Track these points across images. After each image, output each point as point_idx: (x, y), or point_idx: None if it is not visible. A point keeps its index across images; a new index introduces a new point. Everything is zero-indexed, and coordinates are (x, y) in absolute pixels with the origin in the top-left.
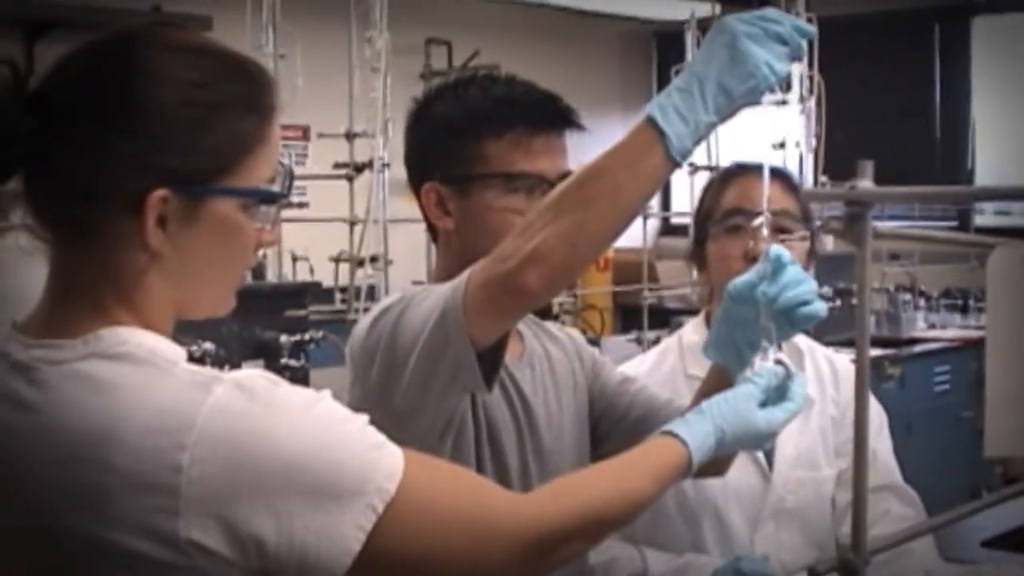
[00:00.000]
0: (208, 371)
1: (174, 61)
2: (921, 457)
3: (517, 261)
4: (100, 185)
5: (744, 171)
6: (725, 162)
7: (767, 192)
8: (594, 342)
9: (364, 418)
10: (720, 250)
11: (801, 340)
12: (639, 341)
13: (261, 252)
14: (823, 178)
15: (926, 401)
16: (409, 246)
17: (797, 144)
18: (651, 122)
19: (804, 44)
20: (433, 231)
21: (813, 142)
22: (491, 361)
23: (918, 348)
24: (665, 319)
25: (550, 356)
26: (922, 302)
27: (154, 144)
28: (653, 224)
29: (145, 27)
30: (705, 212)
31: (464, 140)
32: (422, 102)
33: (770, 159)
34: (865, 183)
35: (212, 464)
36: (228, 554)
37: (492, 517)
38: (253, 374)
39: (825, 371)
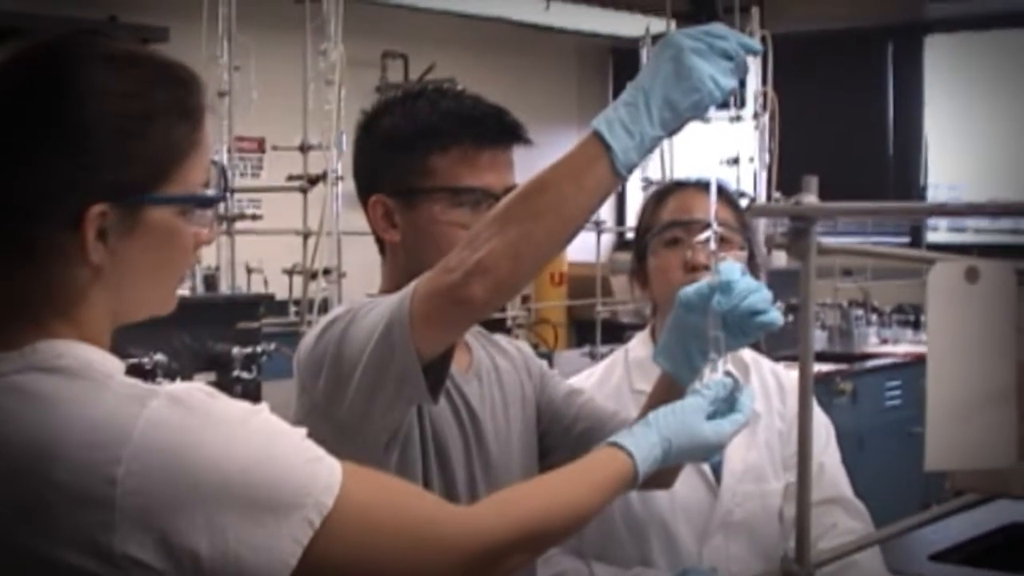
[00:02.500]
0: (144, 385)
1: (102, 72)
2: (873, 472)
3: (462, 273)
4: (37, 202)
5: (681, 186)
6: (680, 177)
7: (714, 204)
8: (547, 356)
9: (302, 431)
10: (660, 263)
11: (747, 354)
12: (592, 355)
13: (215, 265)
14: (776, 194)
15: (878, 416)
16: (363, 259)
17: (751, 160)
18: (597, 136)
19: (749, 60)
20: (380, 244)
21: (766, 158)
22: (437, 373)
23: (870, 363)
24: (619, 333)
25: (498, 368)
26: (874, 317)
27: (89, 159)
28: (608, 239)
29: (70, 38)
30: (644, 227)
31: (411, 154)
32: (370, 115)
33: (711, 173)
34: (810, 198)
35: (147, 478)
36: (164, 568)
37: (433, 530)
38: (190, 387)
39: (771, 385)
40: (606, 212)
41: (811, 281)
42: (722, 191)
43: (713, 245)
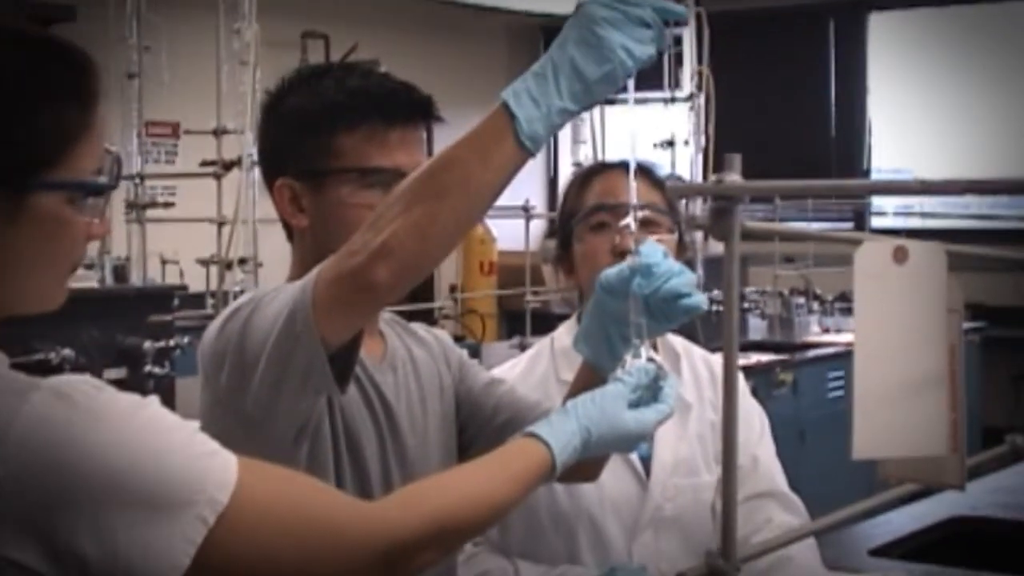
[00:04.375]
0: (25, 378)
1: None
2: (815, 466)
3: (366, 256)
4: None
5: (605, 168)
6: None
7: (633, 183)
8: (474, 348)
9: (194, 425)
10: (586, 249)
11: (677, 342)
12: (522, 347)
13: (126, 256)
14: (713, 177)
15: (820, 408)
16: (281, 247)
17: (686, 142)
18: (504, 107)
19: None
20: (288, 229)
21: (702, 140)
22: (344, 362)
23: (812, 353)
24: (551, 324)
25: (414, 358)
26: (816, 306)
27: None
28: (538, 225)
29: None
30: (568, 212)
31: (317, 134)
32: (274, 95)
33: (632, 153)
34: (733, 177)
35: (27, 477)
36: (47, 572)
37: (335, 527)
38: (74, 379)
39: (703, 374)
40: (536, 197)
41: (735, 264)
42: (648, 172)
43: (633, 226)
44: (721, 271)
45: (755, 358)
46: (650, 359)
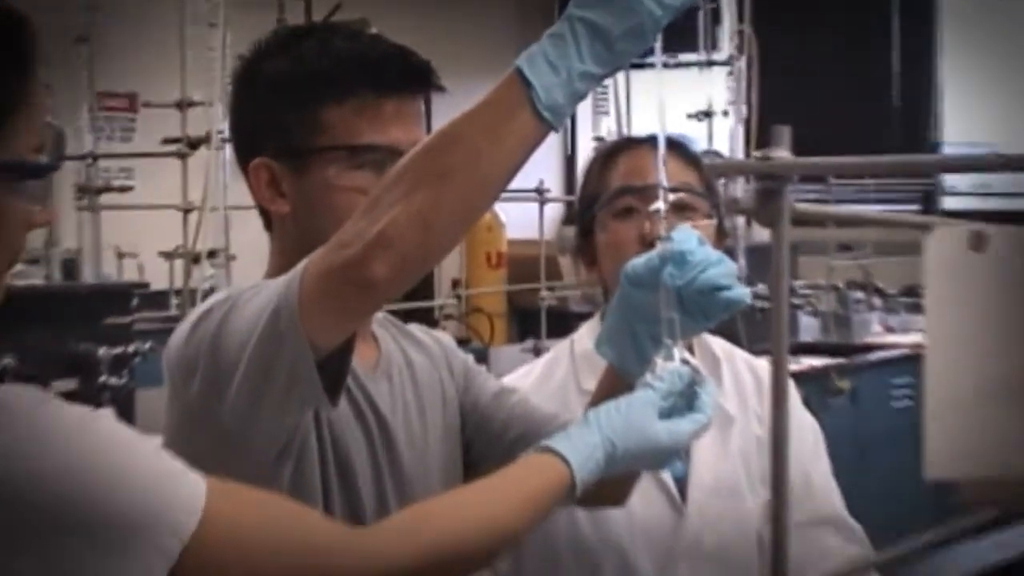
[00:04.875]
0: None
1: None
2: (878, 487)
3: (361, 247)
4: None
5: (632, 144)
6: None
7: (662, 159)
8: (481, 353)
9: (156, 441)
10: (610, 237)
11: (716, 344)
12: (537, 351)
13: (77, 248)
14: (757, 154)
15: (883, 419)
16: (258, 239)
17: (725, 113)
18: (518, 73)
19: None
20: (266, 217)
21: (744, 111)
22: (335, 369)
23: (872, 356)
24: (569, 324)
25: (412, 364)
26: (878, 301)
27: None
28: (554, 210)
29: None
30: (589, 196)
31: (298, 106)
32: (248, 60)
33: (663, 126)
34: (780, 152)
35: None
36: None
37: (321, 559)
38: (16, 389)
39: (748, 382)
40: (552, 178)
41: (783, 253)
42: (681, 148)
43: (662, 207)
44: (767, 261)
45: (807, 362)
46: (684, 362)
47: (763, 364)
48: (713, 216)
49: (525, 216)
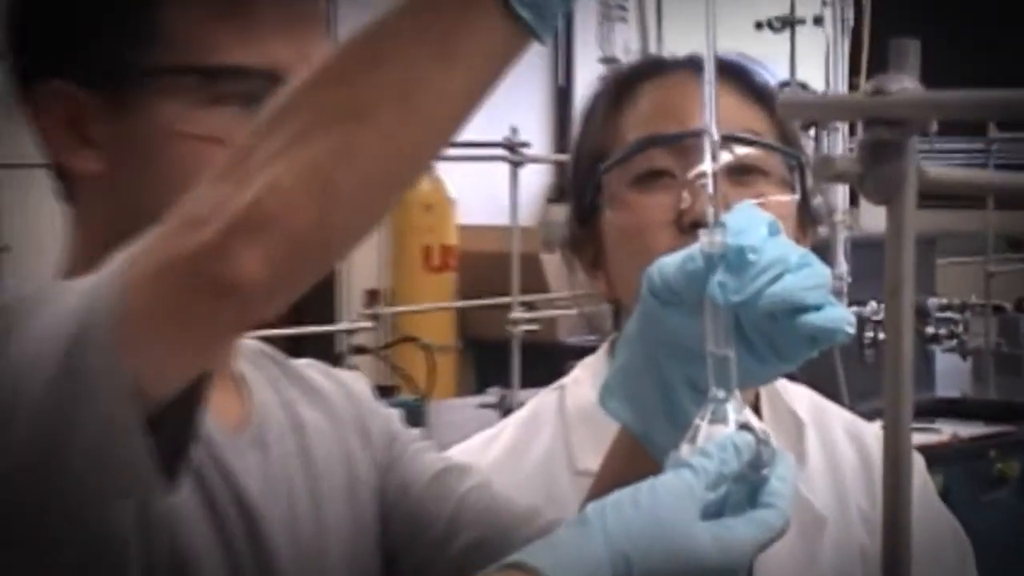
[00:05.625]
0: None
1: None
2: None
3: (221, 228)
4: None
5: (662, 69)
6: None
7: (711, 90)
8: (414, 409)
9: None
10: (627, 222)
11: (801, 400)
12: (504, 407)
13: None
14: (867, 86)
15: None
16: (48, 215)
17: (817, 21)
18: None
19: None
20: (64, 178)
21: (849, 17)
22: (175, 432)
23: None
24: (557, 364)
25: (303, 426)
26: None
27: None
28: (536, 177)
29: None
30: (592, 153)
31: (122, 5)
32: None
33: (716, 45)
34: (904, 83)
35: None
36: None
37: None
38: None
39: (848, 460)
40: (533, 126)
41: (907, 250)
42: (745, 77)
43: (710, 172)
44: (881, 265)
45: (949, 431)
46: (744, 426)
47: (874, 432)
48: (794, 188)
49: (487, 187)
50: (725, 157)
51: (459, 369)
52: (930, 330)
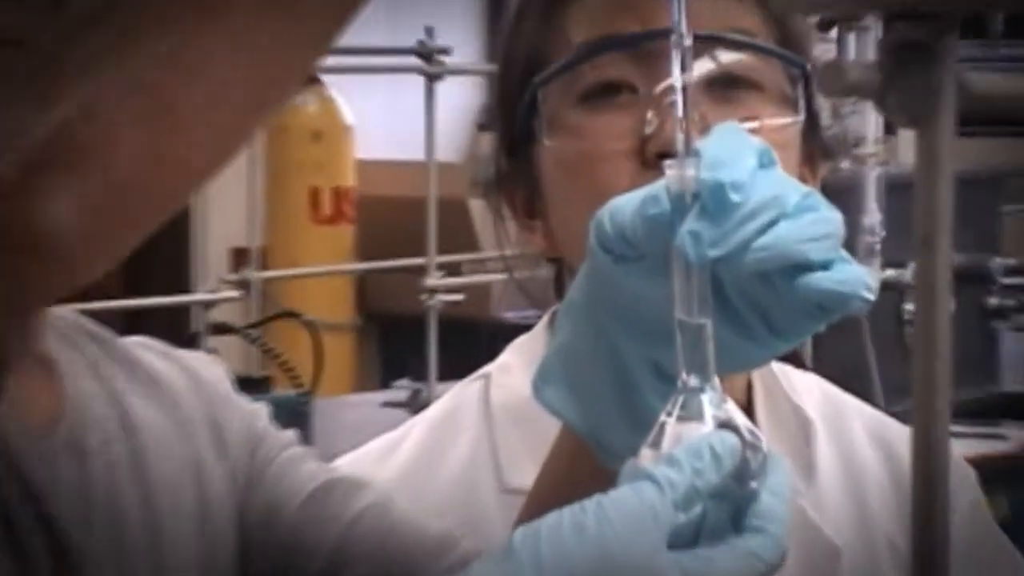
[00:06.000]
0: None
1: None
2: None
3: (21, 159)
4: None
5: None
6: None
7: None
8: (295, 404)
9: None
10: (573, 149)
11: (806, 391)
12: (415, 404)
13: None
14: None
15: None
16: None
17: None
18: None
19: None
20: None
21: None
22: None
23: None
24: (493, 348)
25: (136, 428)
26: None
27: None
28: (458, 98)
29: None
30: (526, 59)
31: None
32: None
33: None
34: None
35: None
36: None
37: None
38: None
39: (872, 469)
40: (456, 31)
41: (942, 177)
42: None
43: (678, 82)
44: (910, 211)
45: (1018, 437)
46: (724, 424)
47: (903, 433)
48: (797, 106)
49: (395, 110)
50: (704, 65)
51: (357, 355)
52: (993, 301)
